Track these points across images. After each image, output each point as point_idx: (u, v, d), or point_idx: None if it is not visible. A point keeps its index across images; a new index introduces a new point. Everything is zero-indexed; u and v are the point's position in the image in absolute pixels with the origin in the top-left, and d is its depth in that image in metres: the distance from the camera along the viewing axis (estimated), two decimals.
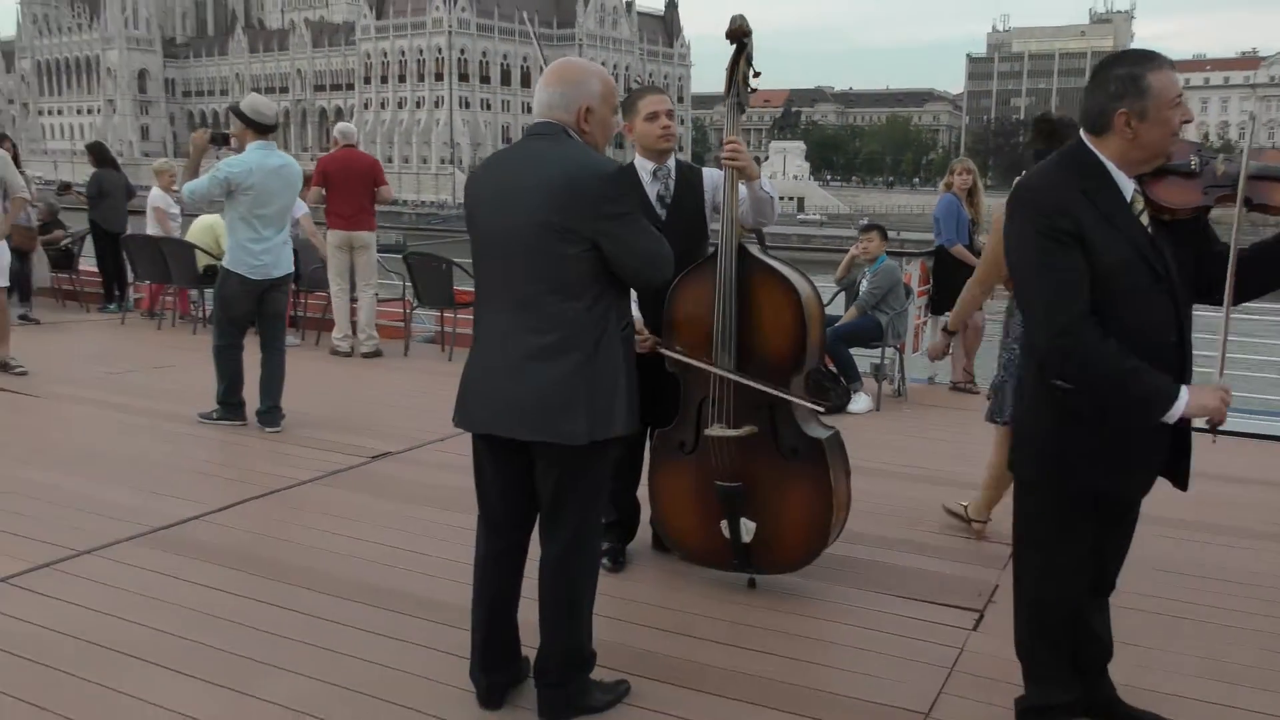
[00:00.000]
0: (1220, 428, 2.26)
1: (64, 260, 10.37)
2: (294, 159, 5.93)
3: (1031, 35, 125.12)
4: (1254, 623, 3.43)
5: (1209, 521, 4.37)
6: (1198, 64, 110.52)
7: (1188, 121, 2.23)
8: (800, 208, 78.27)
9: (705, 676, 2.97)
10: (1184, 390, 2.17)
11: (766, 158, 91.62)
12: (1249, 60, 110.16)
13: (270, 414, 5.73)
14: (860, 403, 6.64)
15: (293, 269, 5.88)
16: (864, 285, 6.87)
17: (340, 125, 8.64)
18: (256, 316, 5.81)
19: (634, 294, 3.51)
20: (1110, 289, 2.18)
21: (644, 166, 3.64)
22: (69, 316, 9.83)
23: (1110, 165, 2.24)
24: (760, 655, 3.13)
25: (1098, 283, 2.17)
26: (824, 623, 3.40)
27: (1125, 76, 2.18)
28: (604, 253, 2.49)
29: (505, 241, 2.54)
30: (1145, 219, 2.27)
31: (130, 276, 10.03)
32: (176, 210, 9.73)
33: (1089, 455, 2.28)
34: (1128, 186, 2.26)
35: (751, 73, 3.43)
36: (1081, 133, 2.30)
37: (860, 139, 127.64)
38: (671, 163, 3.67)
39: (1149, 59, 2.20)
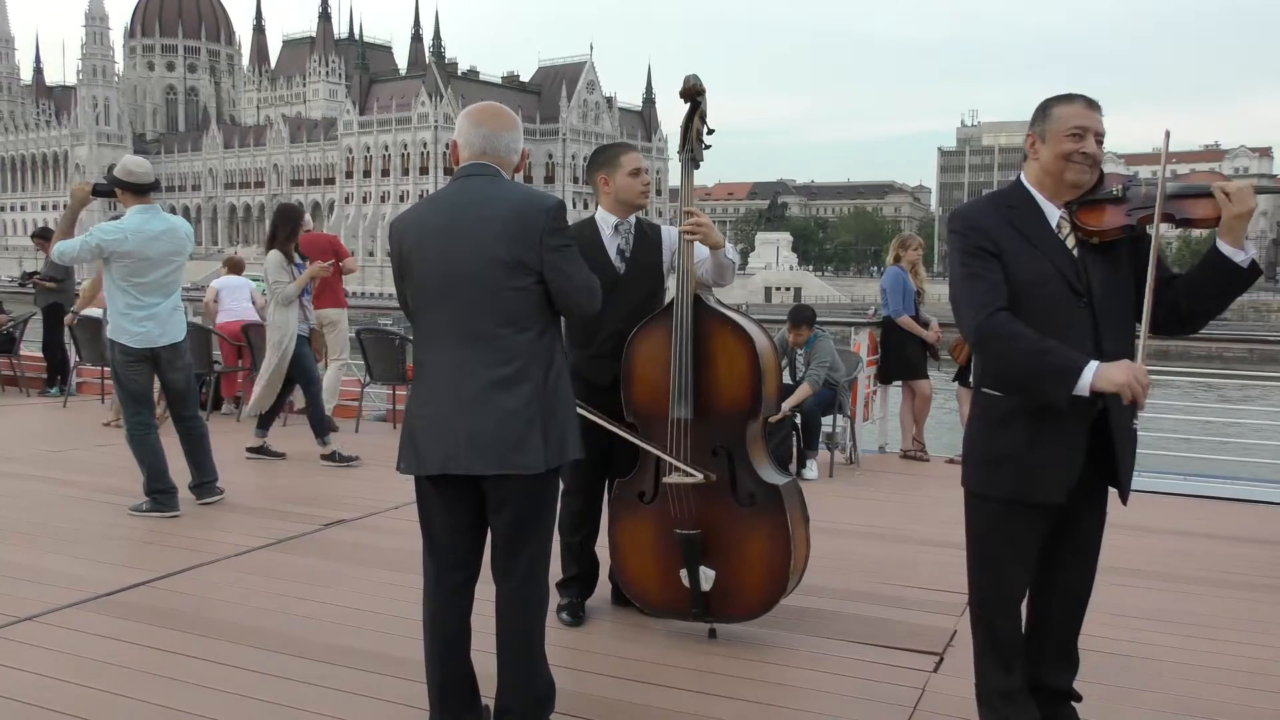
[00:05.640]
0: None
1: (5, 344, 10.23)
2: (183, 220, 5.49)
3: (1001, 130, 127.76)
4: (1213, 660, 3.46)
5: (1161, 571, 4.52)
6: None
7: (1084, 154, 2.35)
8: (798, 299, 77.92)
9: None
10: (1092, 363, 2.24)
11: (754, 249, 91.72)
12: (1214, 153, 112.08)
13: (201, 488, 5.45)
14: (811, 470, 6.68)
15: (183, 338, 5.33)
16: (810, 365, 6.66)
17: None
18: (164, 394, 5.43)
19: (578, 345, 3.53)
20: (1029, 302, 2.35)
21: (606, 220, 3.67)
22: (8, 401, 9.67)
23: (1034, 192, 2.44)
24: (724, 700, 3.08)
25: (1015, 295, 2.36)
26: (787, 669, 3.35)
27: (1040, 107, 2.46)
28: (547, 284, 2.53)
29: (454, 280, 2.54)
30: (1071, 242, 2.41)
31: (74, 359, 9.89)
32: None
33: (1009, 459, 2.39)
34: (1053, 213, 2.43)
35: (705, 129, 3.53)
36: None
37: (826, 230, 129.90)
38: (633, 218, 3.72)
39: (1065, 95, 2.42)
